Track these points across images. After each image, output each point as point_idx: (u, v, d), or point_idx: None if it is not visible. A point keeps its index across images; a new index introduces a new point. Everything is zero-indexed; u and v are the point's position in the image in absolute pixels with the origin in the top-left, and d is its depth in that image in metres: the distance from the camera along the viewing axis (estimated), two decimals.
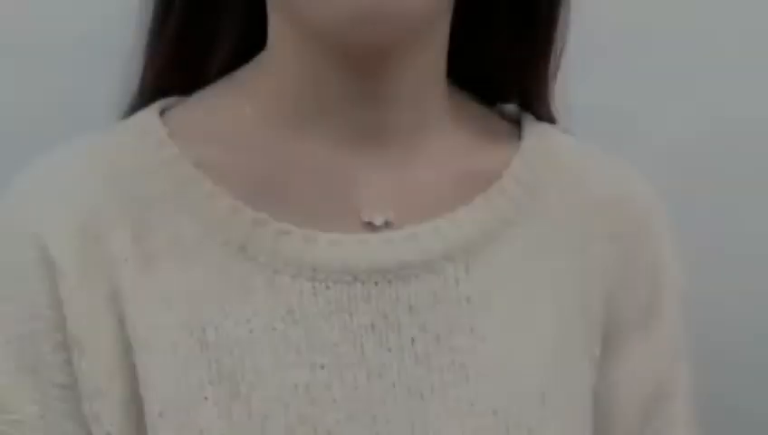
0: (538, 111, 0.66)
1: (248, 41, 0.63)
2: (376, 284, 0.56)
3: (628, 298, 0.63)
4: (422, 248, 0.57)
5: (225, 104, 0.61)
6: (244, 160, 0.59)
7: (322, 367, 0.55)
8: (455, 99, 0.63)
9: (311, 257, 0.56)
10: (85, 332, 0.55)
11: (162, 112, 0.62)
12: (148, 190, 0.58)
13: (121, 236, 0.56)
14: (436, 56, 0.60)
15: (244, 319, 0.55)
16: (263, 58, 0.61)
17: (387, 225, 0.58)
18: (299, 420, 0.54)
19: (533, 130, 0.64)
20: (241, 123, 0.60)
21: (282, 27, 0.58)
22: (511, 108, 0.68)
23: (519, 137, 0.64)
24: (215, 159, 0.59)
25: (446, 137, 0.62)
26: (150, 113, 0.61)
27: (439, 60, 0.60)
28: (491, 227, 0.59)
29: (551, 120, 0.67)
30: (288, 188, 0.58)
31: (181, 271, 0.56)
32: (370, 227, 0.58)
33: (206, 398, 0.54)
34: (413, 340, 0.56)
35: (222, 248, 0.56)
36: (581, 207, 0.62)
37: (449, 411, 0.56)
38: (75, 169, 0.59)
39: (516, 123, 0.66)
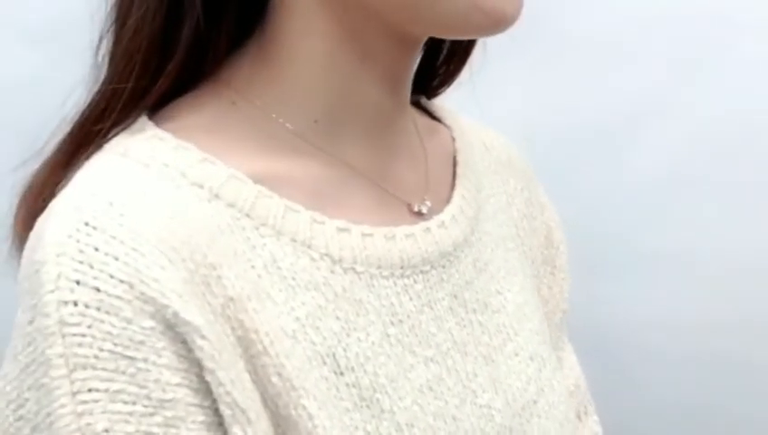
0: (433, 95, 0.70)
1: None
2: (443, 267, 0.58)
3: (536, 239, 0.72)
4: (461, 227, 0.60)
5: (234, 110, 0.55)
6: (291, 168, 0.55)
7: (432, 360, 0.55)
8: None
9: (396, 255, 0.55)
10: (244, 396, 0.47)
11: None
12: (221, 216, 0.50)
13: (228, 273, 0.48)
14: None
15: (364, 332, 0.53)
16: (268, 55, 0.56)
17: (429, 211, 0.60)
18: (434, 418, 0.54)
19: (442, 110, 0.69)
20: (267, 128, 0.55)
21: (326, 23, 0.54)
22: None
23: (431, 117, 0.69)
24: (265, 171, 0.53)
25: (416, 124, 0.64)
26: (150, 128, 0.53)
27: None
28: (478, 197, 0.64)
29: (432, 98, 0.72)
30: (340, 190, 0.56)
31: (290, 298, 0.51)
32: (419, 215, 0.59)
33: (356, 427, 0.50)
34: (475, 311, 0.60)
35: (318, 264, 0.52)
36: (496, 170, 0.69)
37: (509, 368, 0.60)
38: (141, 209, 0.48)
39: (415, 105, 0.69)
